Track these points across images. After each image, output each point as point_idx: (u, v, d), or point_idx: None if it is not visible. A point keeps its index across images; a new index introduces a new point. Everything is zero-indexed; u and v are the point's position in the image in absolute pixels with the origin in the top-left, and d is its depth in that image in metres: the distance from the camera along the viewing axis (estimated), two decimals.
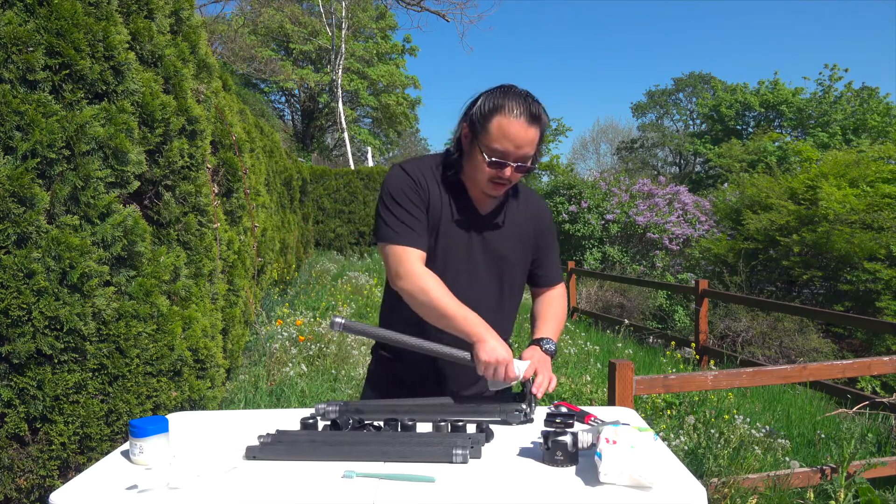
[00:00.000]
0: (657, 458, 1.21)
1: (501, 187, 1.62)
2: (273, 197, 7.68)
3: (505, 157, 1.56)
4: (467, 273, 1.68)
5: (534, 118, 1.55)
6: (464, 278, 1.68)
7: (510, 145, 1.55)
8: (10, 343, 2.01)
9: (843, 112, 31.41)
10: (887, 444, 4.01)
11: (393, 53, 30.38)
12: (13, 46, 1.96)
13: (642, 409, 4.30)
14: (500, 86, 1.60)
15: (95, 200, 2.15)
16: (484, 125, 1.57)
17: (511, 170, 1.58)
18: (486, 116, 1.56)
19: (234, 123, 4.43)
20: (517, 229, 1.74)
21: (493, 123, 1.55)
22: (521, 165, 1.58)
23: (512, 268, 1.74)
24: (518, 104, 1.54)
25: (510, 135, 1.54)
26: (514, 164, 1.57)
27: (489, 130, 1.56)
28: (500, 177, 1.59)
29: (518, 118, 1.53)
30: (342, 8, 23.13)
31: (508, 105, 1.54)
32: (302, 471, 1.28)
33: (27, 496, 2.15)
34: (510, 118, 1.53)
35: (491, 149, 1.56)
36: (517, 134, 1.54)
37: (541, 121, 1.57)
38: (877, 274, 7.79)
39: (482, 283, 1.70)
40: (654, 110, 46.68)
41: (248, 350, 5.24)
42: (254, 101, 20.61)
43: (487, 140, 1.57)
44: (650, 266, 13.60)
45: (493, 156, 1.56)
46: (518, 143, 1.55)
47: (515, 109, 1.54)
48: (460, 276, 1.67)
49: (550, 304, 1.84)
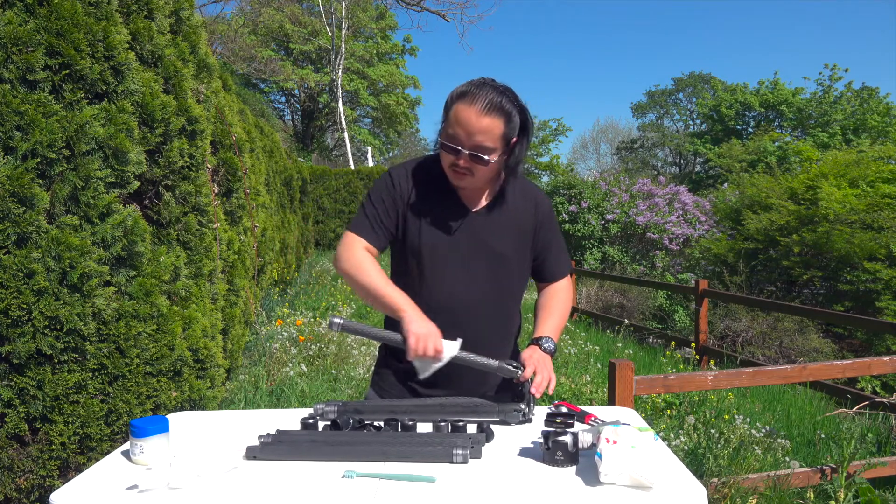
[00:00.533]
0: (657, 458, 1.21)
1: (461, 176, 1.62)
2: (273, 197, 7.69)
3: (455, 142, 1.57)
4: (458, 269, 1.67)
5: (492, 107, 1.54)
6: (454, 275, 1.67)
7: (461, 131, 1.55)
8: (10, 343, 2.01)
9: (843, 112, 31.40)
10: (887, 444, 4.01)
11: (393, 53, 30.38)
12: (13, 46, 1.96)
13: (642, 409, 4.30)
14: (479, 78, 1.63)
15: (95, 200, 2.15)
16: (447, 112, 1.60)
17: (465, 158, 1.57)
18: (450, 104, 1.59)
19: (234, 123, 4.43)
20: (513, 224, 1.72)
21: (453, 110, 1.57)
22: (476, 155, 1.57)
23: (508, 263, 1.72)
24: (480, 93, 1.54)
25: (462, 120, 1.55)
26: (468, 151, 1.56)
27: (449, 117, 1.59)
28: (457, 164, 1.59)
29: (473, 105, 1.54)
30: (342, 8, 23.14)
31: (471, 93, 1.55)
32: (302, 471, 1.28)
33: (27, 496, 2.15)
34: (467, 105, 1.55)
35: (447, 134, 1.59)
36: (468, 120, 1.54)
37: (502, 112, 1.55)
38: (877, 274, 7.79)
39: (476, 279, 1.68)
40: (654, 110, 46.68)
41: (248, 350, 5.24)
42: (254, 101, 20.61)
43: (446, 126, 1.60)
44: (650, 266, 13.60)
45: (446, 140, 1.59)
46: (469, 130, 1.54)
47: (475, 97, 1.54)
48: (450, 272, 1.67)
49: (553, 298, 1.82)
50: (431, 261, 1.67)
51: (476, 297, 1.67)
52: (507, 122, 1.57)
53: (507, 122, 1.56)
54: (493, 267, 1.69)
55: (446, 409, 1.59)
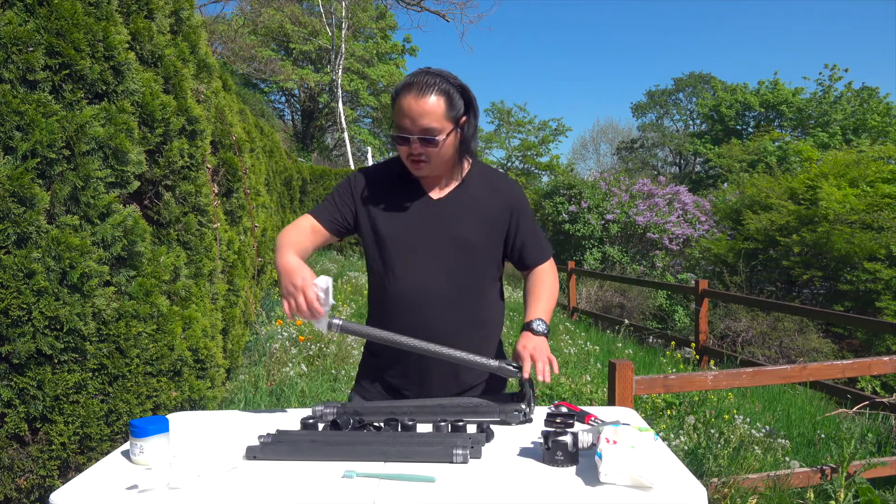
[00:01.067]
0: (657, 458, 1.21)
1: (418, 164, 1.65)
2: (273, 197, 7.69)
3: (403, 131, 1.61)
4: (422, 257, 1.68)
5: (429, 89, 1.58)
6: (418, 263, 1.68)
7: (406, 119, 1.59)
8: (10, 343, 2.01)
9: (843, 112, 31.39)
10: (887, 444, 4.01)
11: (393, 53, 30.38)
12: (13, 46, 1.96)
13: (642, 409, 4.30)
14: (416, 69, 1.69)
15: (95, 200, 2.15)
16: (393, 108, 1.64)
17: (417, 144, 1.61)
18: (393, 101, 1.64)
19: (234, 123, 4.43)
20: (480, 211, 1.73)
21: (396, 103, 1.62)
22: (425, 138, 1.60)
23: (474, 249, 1.71)
24: (416, 80, 1.60)
25: (404, 109, 1.59)
26: (418, 136, 1.60)
27: (395, 111, 1.63)
28: (412, 153, 1.63)
29: (411, 91, 1.59)
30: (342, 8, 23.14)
31: (405, 83, 1.61)
32: (302, 471, 1.28)
33: (27, 496, 2.15)
34: (405, 93, 1.60)
35: (396, 126, 1.63)
36: (409, 106, 1.58)
37: (441, 91, 1.59)
38: (877, 274, 7.79)
39: (441, 266, 1.69)
40: (654, 110, 46.67)
41: (248, 350, 5.24)
42: (254, 101, 20.60)
43: (395, 120, 1.64)
44: (650, 266, 13.61)
45: (396, 132, 1.63)
46: (412, 116, 1.58)
47: (412, 85, 1.59)
48: (414, 260, 1.68)
49: (539, 282, 1.79)
50: (394, 250, 1.69)
51: (442, 284, 1.67)
52: (449, 101, 1.61)
53: (447, 100, 1.60)
54: (458, 254, 1.69)
55: (447, 410, 1.59)
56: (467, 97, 1.65)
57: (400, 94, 1.61)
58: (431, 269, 1.67)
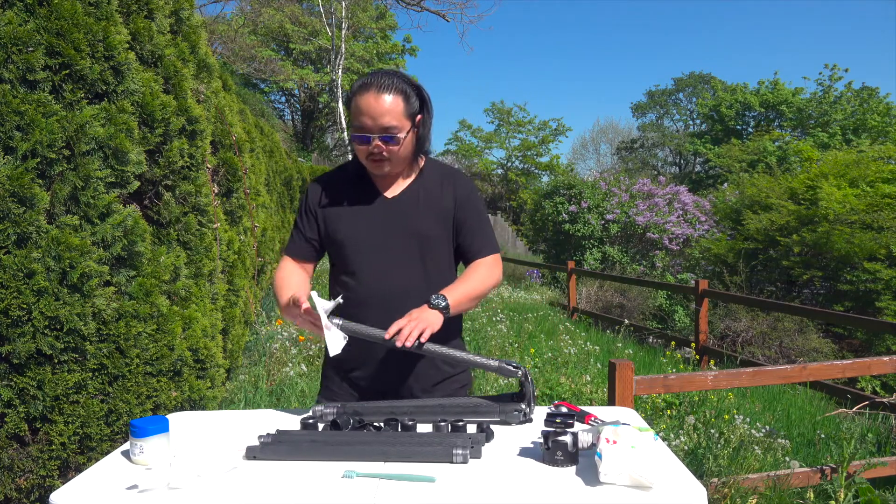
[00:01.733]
0: (657, 458, 1.21)
1: (379, 163, 1.68)
2: (273, 197, 7.69)
3: (365, 131, 1.64)
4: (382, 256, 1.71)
5: (387, 89, 1.62)
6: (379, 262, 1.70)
7: (367, 118, 1.62)
8: (10, 343, 2.01)
9: (843, 112, 31.38)
10: (887, 444, 4.01)
11: (393, 53, 30.36)
12: (13, 46, 1.96)
13: (642, 409, 4.30)
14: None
15: (95, 200, 2.15)
16: (350, 110, 1.68)
17: (377, 142, 1.64)
18: (350, 101, 1.67)
19: (234, 123, 4.43)
20: (434, 205, 1.75)
21: (353, 103, 1.65)
22: (386, 137, 1.63)
23: (433, 244, 1.74)
24: (371, 80, 1.64)
25: (363, 108, 1.62)
26: (378, 135, 1.63)
27: (352, 111, 1.66)
28: (373, 153, 1.65)
29: (370, 91, 1.62)
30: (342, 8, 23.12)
31: (364, 84, 1.64)
32: (302, 471, 1.28)
33: (27, 496, 2.15)
34: (363, 93, 1.63)
35: (354, 126, 1.66)
36: (368, 105, 1.61)
37: (398, 91, 1.63)
38: (877, 274, 7.79)
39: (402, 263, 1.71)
40: (654, 110, 46.66)
41: (248, 350, 5.23)
42: (254, 101, 20.59)
43: (352, 120, 1.67)
44: (650, 266, 13.61)
45: (356, 132, 1.65)
46: (372, 114, 1.61)
47: (368, 85, 1.63)
48: (374, 259, 1.70)
49: (470, 270, 1.77)
50: (355, 252, 1.71)
51: (405, 282, 1.70)
52: (406, 100, 1.65)
53: (405, 99, 1.65)
54: (417, 248, 1.72)
55: (447, 410, 1.59)
56: (421, 96, 1.69)
57: (358, 94, 1.64)
58: (392, 266, 1.70)
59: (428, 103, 1.72)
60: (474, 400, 1.63)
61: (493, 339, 6.38)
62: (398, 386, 1.75)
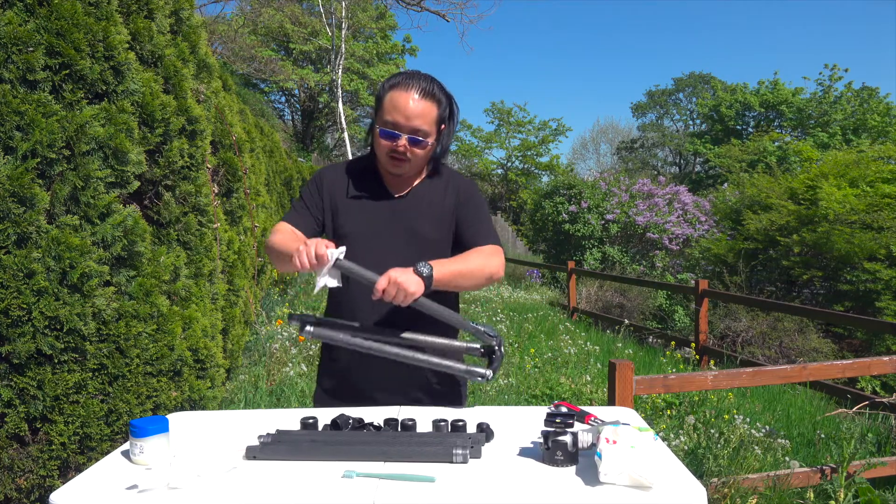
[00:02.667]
0: (657, 458, 1.21)
1: (400, 162, 1.69)
2: (273, 197, 7.69)
3: (395, 128, 1.64)
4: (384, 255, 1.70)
5: (425, 93, 1.64)
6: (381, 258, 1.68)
7: (400, 116, 1.63)
8: (10, 343, 2.01)
9: (843, 112, 31.38)
10: (887, 444, 4.01)
11: (393, 53, 30.35)
12: (13, 46, 1.96)
13: (642, 409, 4.30)
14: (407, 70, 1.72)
15: (95, 200, 2.15)
16: (381, 102, 1.68)
17: (405, 142, 1.64)
18: (383, 94, 1.67)
19: (234, 123, 4.43)
20: (435, 207, 1.77)
21: (387, 98, 1.65)
22: (414, 139, 1.65)
23: (434, 247, 1.74)
24: (411, 81, 1.65)
25: (399, 106, 1.63)
26: (407, 135, 1.64)
27: (384, 105, 1.66)
28: (396, 150, 1.66)
29: (408, 91, 1.63)
30: (342, 8, 23.12)
31: (402, 82, 1.65)
32: (302, 471, 1.28)
33: (27, 496, 2.15)
34: (401, 91, 1.64)
35: (384, 121, 1.66)
36: (405, 105, 1.62)
37: (435, 98, 1.66)
38: (877, 274, 7.79)
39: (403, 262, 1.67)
40: (654, 110, 46.66)
41: (248, 350, 5.23)
42: (254, 101, 20.59)
43: (382, 114, 1.66)
44: (650, 266, 13.61)
45: (385, 127, 1.66)
46: (407, 115, 1.62)
47: (407, 84, 1.64)
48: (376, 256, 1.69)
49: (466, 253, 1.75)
50: (358, 248, 1.70)
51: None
52: (440, 107, 1.67)
53: (439, 106, 1.67)
54: (419, 251, 1.70)
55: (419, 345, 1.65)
56: (451, 107, 1.71)
57: (395, 90, 1.64)
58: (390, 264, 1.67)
59: (456, 115, 1.74)
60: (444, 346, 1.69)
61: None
62: (391, 383, 1.75)
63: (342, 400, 1.78)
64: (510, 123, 33.60)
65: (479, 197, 1.84)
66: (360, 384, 1.77)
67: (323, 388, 1.84)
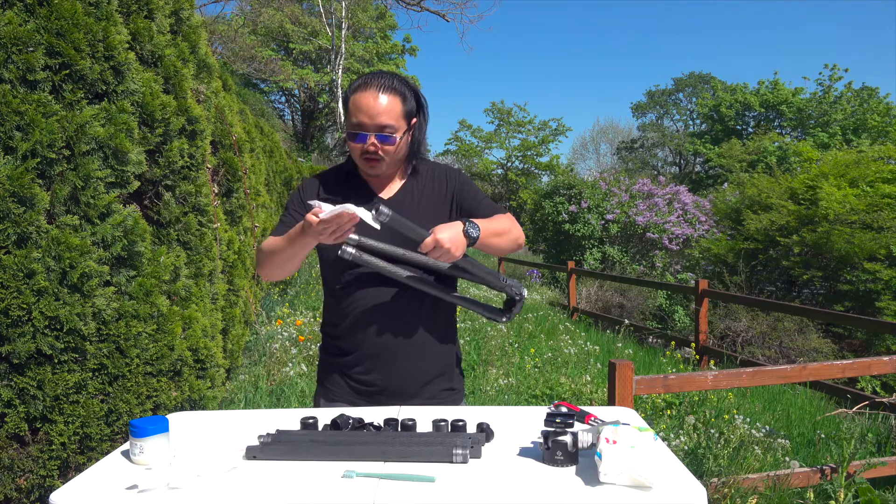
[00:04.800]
0: (657, 458, 1.21)
1: (374, 162, 1.68)
2: (273, 197, 7.69)
3: (361, 129, 1.64)
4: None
5: (386, 88, 1.64)
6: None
7: (364, 116, 1.63)
8: (10, 343, 2.01)
9: (843, 112, 31.40)
10: (887, 444, 4.01)
11: (393, 53, 30.36)
12: (13, 46, 1.96)
13: (642, 409, 4.30)
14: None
15: (95, 200, 2.15)
16: (346, 107, 1.68)
17: (373, 140, 1.64)
18: (347, 98, 1.67)
19: (234, 123, 4.43)
20: (429, 203, 1.77)
21: (351, 102, 1.66)
22: (382, 136, 1.64)
23: None
24: (371, 79, 1.65)
25: (362, 106, 1.63)
26: (374, 134, 1.64)
27: (350, 109, 1.67)
28: (368, 151, 1.66)
29: (367, 90, 1.63)
30: (342, 8, 23.12)
31: (363, 83, 1.65)
32: (302, 471, 1.28)
33: (27, 496, 2.15)
34: (361, 92, 1.64)
35: (351, 123, 1.66)
36: (368, 104, 1.62)
37: (397, 91, 1.65)
38: (877, 274, 7.79)
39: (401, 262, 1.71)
40: (654, 110, 46.68)
41: (248, 350, 5.24)
42: (254, 101, 20.60)
43: (350, 118, 1.67)
44: (650, 266, 13.61)
45: (353, 129, 1.66)
46: (371, 113, 1.62)
47: (367, 84, 1.64)
48: None
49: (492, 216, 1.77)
50: None
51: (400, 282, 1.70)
52: (404, 101, 1.67)
53: (403, 100, 1.66)
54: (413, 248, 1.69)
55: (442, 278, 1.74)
56: (418, 100, 1.71)
57: (356, 93, 1.65)
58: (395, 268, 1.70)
59: (424, 107, 1.73)
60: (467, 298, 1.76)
61: (493, 339, 6.38)
62: (395, 381, 1.75)
63: (343, 399, 1.78)
64: (510, 123, 33.61)
65: (471, 183, 1.85)
66: (363, 378, 1.77)
67: (324, 387, 1.84)
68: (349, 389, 1.79)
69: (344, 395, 1.79)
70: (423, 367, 1.77)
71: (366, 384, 1.77)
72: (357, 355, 1.74)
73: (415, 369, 1.76)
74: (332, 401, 1.80)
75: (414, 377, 1.76)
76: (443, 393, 1.81)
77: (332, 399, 1.80)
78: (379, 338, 1.71)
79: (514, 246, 1.80)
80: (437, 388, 1.80)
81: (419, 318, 1.74)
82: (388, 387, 1.76)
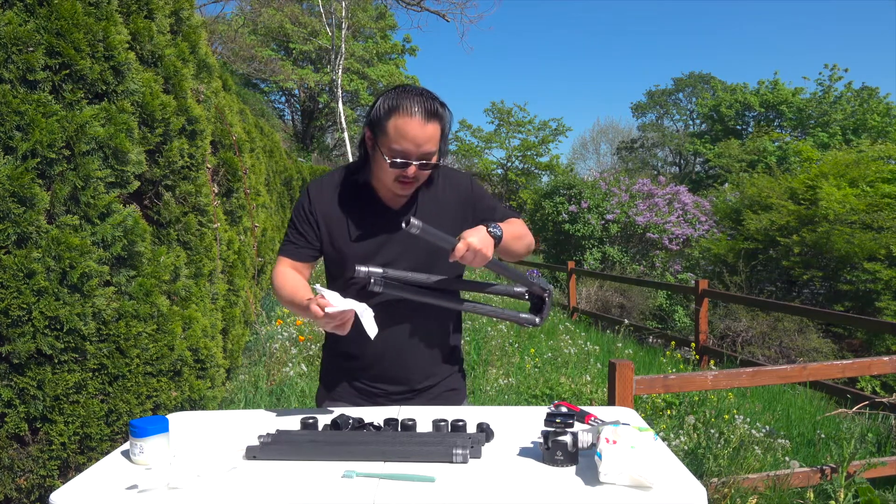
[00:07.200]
0: (657, 458, 1.21)
1: (409, 185, 1.63)
2: (273, 197, 7.69)
3: (406, 157, 1.57)
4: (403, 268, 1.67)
5: (431, 115, 1.56)
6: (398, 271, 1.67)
7: (410, 145, 1.55)
8: (10, 343, 2.01)
9: (843, 112, 31.40)
10: (887, 444, 4.01)
11: (393, 53, 30.36)
12: (13, 46, 1.96)
13: (642, 409, 4.30)
14: (396, 86, 1.63)
15: (95, 200, 2.15)
16: (383, 128, 1.58)
17: (414, 168, 1.58)
18: (383, 119, 1.57)
19: (234, 123, 4.43)
20: (441, 209, 1.72)
21: (391, 125, 1.56)
22: (424, 163, 1.59)
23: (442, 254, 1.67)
24: (413, 103, 1.55)
25: (408, 134, 1.54)
26: (417, 162, 1.58)
27: (388, 132, 1.56)
28: (405, 176, 1.60)
29: (414, 117, 1.54)
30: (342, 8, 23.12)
31: (404, 105, 1.55)
32: (302, 471, 1.28)
33: (27, 496, 2.15)
34: (406, 118, 1.54)
35: (392, 150, 1.57)
36: (415, 133, 1.54)
37: (439, 116, 1.58)
38: (877, 274, 7.80)
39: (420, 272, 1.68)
40: (654, 110, 46.68)
41: (248, 350, 5.23)
42: (254, 101, 20.60)
43: (388, 142, 1.57)
44: (650, 266, 13.61)
45: (395, 157, 1.57)
46: (418, 142, 1.55)
47: (411, 108, 1.54)
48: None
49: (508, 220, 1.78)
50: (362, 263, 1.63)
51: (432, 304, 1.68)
52: (443, 124, 1.61)
53: (442, 123, 1.60)
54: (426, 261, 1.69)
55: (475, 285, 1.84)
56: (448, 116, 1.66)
57: (400, 116, 1.55)
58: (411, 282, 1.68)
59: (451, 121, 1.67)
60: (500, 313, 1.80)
61: (494, 339, 6.38)
62: (396, 377, 1.75)
63: (346, 400, 1.77)
64: (510, 123, 33.59)
65: (480, 188, 1.83)
66: (365, 376, 1.77)
67: (326, 386, 1.84)
68: (353, 391, 1.78)
69: (347, 397, 1.78)
70: (430, 370, 1.76)
71: (371, 387, 1.76)
72: (363, 359, 1.73)
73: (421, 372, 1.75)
74: (335, 400, 1.80)
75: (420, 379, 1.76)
76: (447, 394, 1.81)
77: (335, 399, 1.80)
78: (385, 342, 1.68)
79: (527, 251, 1.79)
80: (442, 388, 1.80)
81: (427, 321, 1.73)
82: (393, 391, 1.75)
